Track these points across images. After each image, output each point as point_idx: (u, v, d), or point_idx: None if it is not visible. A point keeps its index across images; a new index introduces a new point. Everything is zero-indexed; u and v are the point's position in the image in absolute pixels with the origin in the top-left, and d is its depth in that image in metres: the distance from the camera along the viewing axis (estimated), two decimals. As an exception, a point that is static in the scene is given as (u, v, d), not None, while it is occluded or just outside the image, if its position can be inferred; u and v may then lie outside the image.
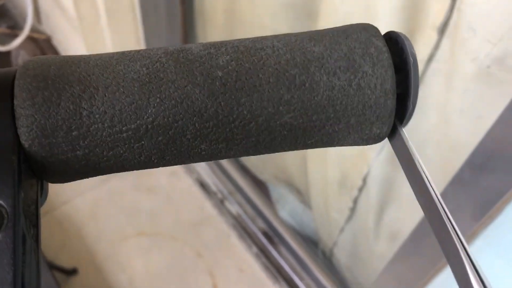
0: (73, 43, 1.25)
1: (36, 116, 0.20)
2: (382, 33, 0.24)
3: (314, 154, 0.94)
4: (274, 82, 0.22)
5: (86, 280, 1.19)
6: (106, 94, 0.21)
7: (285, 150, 0.25)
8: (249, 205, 1.29)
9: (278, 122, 0.23)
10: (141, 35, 1.15)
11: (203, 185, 1.38)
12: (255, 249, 1.24)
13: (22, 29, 1.30)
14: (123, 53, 0.23)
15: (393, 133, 0.25)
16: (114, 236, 1.27)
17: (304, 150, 0.84)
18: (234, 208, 1.31)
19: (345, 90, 0.23)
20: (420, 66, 0.63)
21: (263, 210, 1.25)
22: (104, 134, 0.21)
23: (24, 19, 1.33)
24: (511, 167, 0.50)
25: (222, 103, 0.22)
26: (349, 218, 0.95)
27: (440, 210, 0.21)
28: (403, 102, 0.24)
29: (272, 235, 1.24)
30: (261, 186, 1.29)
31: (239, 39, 0.24)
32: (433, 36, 0.60)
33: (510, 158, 0.50)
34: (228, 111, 0.22)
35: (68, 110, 0.21)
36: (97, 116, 0.21)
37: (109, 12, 1.08)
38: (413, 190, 0.23)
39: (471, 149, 0.54)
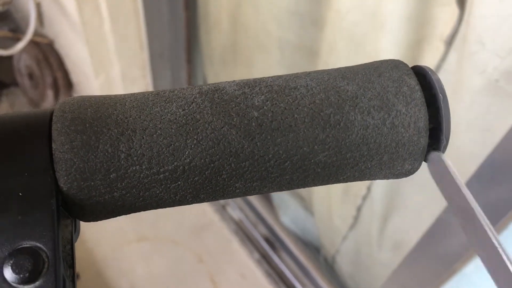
0: (76, 47, 1.24)
1: (75, 160, 0.20)
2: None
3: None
4: (309, 122, 0.22)
5: (87, 285, 1.19)
6: (144, 137, 0.21)
7: (317, 185, 0.25)
8: (251, 211, 1.29)
9: (312, 161, 0.23)
10: (144, 40, 1.15)
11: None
12: (257, 255, 1.23)
13: (25, 33, 1.30)
14: (158, 93, 0.23)
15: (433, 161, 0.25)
16: (115, 241, 1.27)
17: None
18: (236, 214, 1.31)
19: (379, 129, 0.23)
20: (427, 77, 0.63)
21: (265, 216, 1.25)
22: (141, 175, 0.21)
23: (26, 23, 1.33)
24: (520, 182, 0.50)
25: (258, 143, 0.22)
26: (352, 226, 0.95)
27: (472, 205, 0.21)
28: (435, 137, 0.24)
29: (274, 241, 1.24)
30: (263, 191, 1.29)
31: (272, 77, 0.24)
32: (440, 47, 0.60)
33: (518, 172, 0.50)
34: (264, 151, 0.22)
35: (106, 153, 0.21)
36: (135, 158, 0.21)
37: (113, 17, 1.08)
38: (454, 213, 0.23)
39: (479, 162, 0.54)
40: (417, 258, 0.74)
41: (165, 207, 0.24)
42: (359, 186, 0.85)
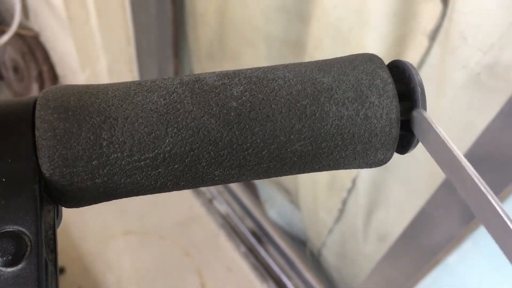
0: (61, 41, 1.24)
1: (57, 147, 0.21)
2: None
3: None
4: (286, 112, 0.23)
5: (73, 279, 1.18)
6: (126, 125, 0.22)
7: (293, 174, 0.26)
8: (238, 205, 1.30)
9: (289, 150, 0.24)
10: (131, 35, 1.14)
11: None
12: (243, 248, 1.24)
13: (9, 25, 1.29)
14: (139, 83, 0.24)
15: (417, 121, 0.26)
16: (101, 235, 1.27)
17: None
18: (222, 208, 1.32)
19: (352, 119, 0.24)
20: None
21: (252, 209, 1.26)
22: (123, 163, 0.22)
23: (11, 15, 1.32)
24: (500, 173, 0.51)
25: (236, 132, 0.23)
26: (338, 219, 0.96)
27: (475, 179, 0.22)
28: (410, 130, 0.25)
29: (260, 234, 1.25)
30: (250, 186, 1.30)
31: (251, 69, 0.25)
32: (424, 42, 0.61)
33: (499, 164, 0.51)
34: (242, 140, 0.23)
35: (88, 141, 0.21)
36: (116, 146, 0.22)
37: (99, 11, 1.08)
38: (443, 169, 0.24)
39: (460, 155, 0.55)
40: (401, 249, 0.75)
41: (146, 194, 0.24)
42: (344, 180, 0.87)
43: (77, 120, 0.21)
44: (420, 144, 0.26)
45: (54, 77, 1.47)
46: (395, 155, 0.26)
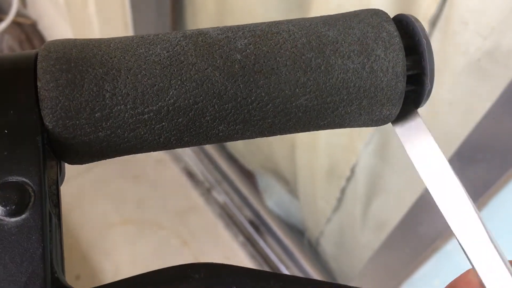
0: (59, 28, 1.23)
1: (60, 98, 0.21)
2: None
3: (303, 143, 0.94)
4: (291, 65, 0.23)
5: (71, 268, 1.19)
6: (129, 77, 0.22)
7: (299, 132, 0.25)
8: (236, 194, 1.30)
9: (294, 104, 0.23)
10: (129, 22, 1.14)
11: (190, 174, 1.38)
12: (241, 238, 1.24)
13: (7, 13, 1.28)
14: (142, 36, 0.23)
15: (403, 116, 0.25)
16: (99, 224, 1.27)
17: (293, 138, 0.84)
18: (221, 197, 1.32)
19: (358, 73, 0.23)
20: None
21: (250, 199, 1.26)
22: (126, 115, 0.22)
23: (9, 3, 1.31)
24: (499, 160, 0.51)
25: (241, 85, 0.22)
26: (336, 208, 0.96)
27: (453, 185, 0.22)
28: (419, 83, 0.24)
29: (258, 224, 1.25)
30: (248, 175, 1.30)
31: (255, 23, 0.24)
32: (425, 27, 0.60)
33: (498, 150, 0.51)
34: (247, 93, 0.23)
35: (91, 92, 0.21)
36: (119, 98, 0.21)
37: (98, -2, 1.07)
38: (417, 166, 0.24)
39: (460, 141, 0.55)
40: (399, 238, 0.75)
41: (149, 151, 0.24)
42: (342, 168, 0.86)
43: (80, 71, 0.21)
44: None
45: (52, 66, 1.46)
46: (396, 148, 0.26)
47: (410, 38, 0.24)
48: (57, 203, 0.21)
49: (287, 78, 0.23)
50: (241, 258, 1.22)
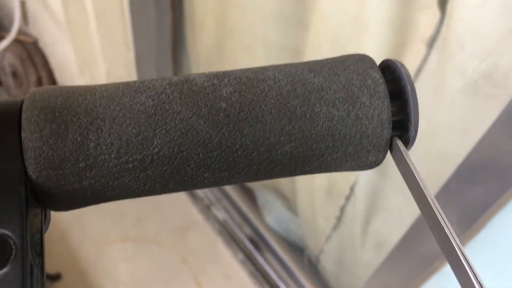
0: (60, 46, 1.24)
1: (43, 149, 0.21)
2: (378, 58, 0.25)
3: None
4: (276, 113, 0.23)
5: (70, 285, 1.18)
6: (113, 126, 0.22)
7: (284, 177, 0.25)
8: (236, 212, 1.29)
9: (279, 151, 0.23)
10: (130, 40, 1.14)
11: (190, 191, 1.38)
12: (241, 255, 1.24)
13: (9, 31, 1.29)
14: (128, 84, 0.23)
15: (395, 150, 0.25)
16: (98, 241, 1.26)
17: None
18: (220, 214, 1.31)
19: (343, 120, 0.23)
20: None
21: (249, 216, 1.25)
22: (110, 164, 0.22)
23: (10, 21, 1.32)
24: (497, 181, 0.51)
25: (226, 133, 0.22)
26: (336, 226, 0.96)
27: (439, 217, 0.22)
28: (404, 128, 0.24)
29: (258, 241, 1.24)
30: (248, 192, 1.30)
31: (241, 69, 0.25)
32: (421, 49, 0.61)
33: (496, 171, 0.51)
34: (232, 142, 0.23)
35: (75, 142, 0.21)
36: (104, 147, 0.21)
37: (98, 16, 1.08)
38: (415, 199, 0.24)
39: (458, 162, 0.55)
40: (399, 257, 0.75)
41: (134, 197, 0.24)
42: (342, 187, 0.86)
43: (64, 121, 0.21)
44: (418, 152, 0.25)
45: (53, 83, 1.47)
46: (396, 167, 0.26)
47: (396, 83, 0.24)
48: (40, 253, 0.21)
49: (272, 126, 0.23)
50: (241, 275, 1.21)
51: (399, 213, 0.79)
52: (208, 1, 0.99)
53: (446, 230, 0.22)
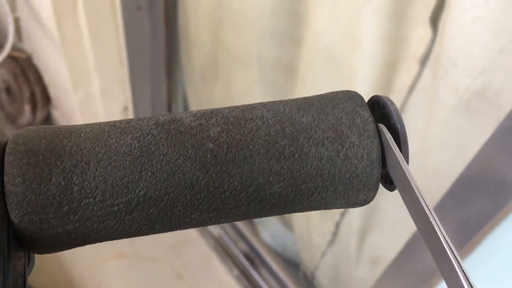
0: (54, 62, 1.23)
1: (26, 193, 0.20)
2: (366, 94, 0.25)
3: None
4: (264, 154, 0.23)
5: (63, 303, 1.16)
6: (98, 169, 0.21)
7: (273, 215, 0.25)
8: (231, 227, 1.29)
9: (268, 192, 0.23)
10: (124, 56, 1.14)
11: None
12: (236, 271, 1.23)
13: (2, 47, 1.28)
14: (114, 124, 0.23)
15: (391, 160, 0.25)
16: (92, 258, 1.25)
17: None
18: (215, 230, 1.31)
19: (333, 160, 0.23)
20: (402, 96, 0.64)
21: (245, 232, 1.25)
22: (95, 208, 0.21)
23: (4, 37, 1.32)
24: (492, 198, 0.51)
25: (213, 175, 0.22)
26: (331, 242, 0.96)
27: (437, 232, 0.22)
28: None
29: (253, 257, 1.23)
30: (243, 207, 1.29)
31: (229, 108, 0.24)
32: (414, 66, 0.61)
33: (491, 189, 0.51)
34: (219, 183, 0.22)
35: (59, 186, 0.21)
36: (88, 191, 0.21)
37: (93, 33, 1.08)
38: (411, 214, 0.24)
39: (452, 179, 0.55)
40: (394, 273, 0.74)
41: (120, 239, 0.24)
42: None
43: (48, 165, 0.21)
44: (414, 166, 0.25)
45: (47, 99, 1.46)
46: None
47: (385, 120, 0.24)
48: None
49: (261, 167, 0.23)
50: (236, 292, 1.20)
51: (395, 229, 0.79)
52: (202, 17, 0.99)
53: (445, 245, 0.21)
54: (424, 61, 0.60)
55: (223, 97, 1.07)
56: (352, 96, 0.25)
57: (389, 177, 0.25)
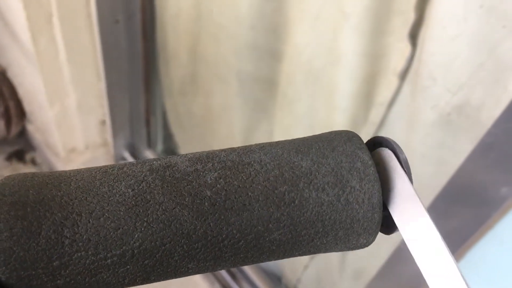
0: (29, 77, 1.21)
1: (14, 249, 0.19)
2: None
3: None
4: (263, 200, 0.22)
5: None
6: (90, 220, 0.20)
7: (272, 260, 0.25)
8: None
9: (267, 239, 0.22)
10: (101, 70, 1.13)
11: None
12: (218, 286, 1.22)
13: (-25, 61, 1.26)
14: (105, 171, 0.22)
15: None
16: None
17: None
18: (196, 244, 1.29)
19: (333, 205, 0.23)
20: (382, 110, 0.65)
21: (226, 246, 1.23)
22: (87, 262, 0.20)
23: (-23, 51, 1.29)
24: (475, 213, 0.51)
25: (211, 224, 0.21)
26: (314, 255, 0.95)
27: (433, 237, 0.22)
28: None
29: (235, 271, 1.22)
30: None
31: (225, 151, 0.24)
32: (394, 81, 0.62)
33: (473, 203, 0.52)
34: (218, 231, 0.22)
35: (49, 240, 0.20)
36: (80, 244, 0.20)
37: (69, 47, 1.06)
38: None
39: (435, 194, 0.55)
40: (379, 286, 0.75)
41: None
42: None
43: (37, 217, 0.20)
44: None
45: (21, 113, 1.44)
46: None
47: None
48: None
49: (260, 214, 0.22)
50: (218, 307, 1.19)
51: (378, 240, 0.79)
52: (181, 31, 0.98)
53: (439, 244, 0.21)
54: (403, 76, 0.60)
55: (202, 111, 1.07)
56: (351, 138, 0.24)
57: (385, 220, 0.24)
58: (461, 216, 0.53)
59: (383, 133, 0.67)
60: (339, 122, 0.71)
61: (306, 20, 0.69)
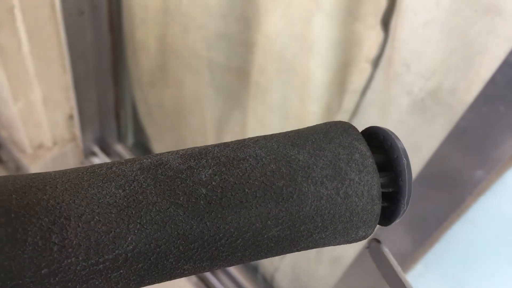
0: (-9, 71, 1.17)
1: None
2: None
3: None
4: (261, 197, 0.21)
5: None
6: (80, 224, 0.19)
7: (270, 257, 0.24)
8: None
9: (265, 236, 0.22)
10: (67, 63, 1.10)
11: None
12: (194, 278, 1.21)
13: None
14: (93, 171, 0.21)
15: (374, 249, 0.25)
16: None
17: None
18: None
19: (332, 199, 0.22)
20: (356, 97, 0.65)
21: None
22: (78, 268, 0.19)
23: None
24: (450, 197, 0.52)
25: (208, 223, 0.21)
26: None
27: None
28: (393, 201, 0.24)
29: (211, 262, 1.22)
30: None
31: (219, 147, 0.23)
32: (367, 68, 0.62)
33: (448, 188, 0.52)
34: (214, 231, 0.21)
35: (36, 247, 0.18)
36: (70, 250, 0.19)
37: (32, 40, 1.03)
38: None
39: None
40: (355, 273, 0.75)
41: None
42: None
43: (22, 223, 0.18)
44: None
45: (-16, 109, 1.39)
46: None
47: (385, 153, 0.23)
48: None
49: (258, 211, 0.21)
50: (195, 299, 1.18)
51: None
52: (149, 21, 0.96)
53: None
54: (376, 62, 0.60)
55: (173, 102, 1.05)
56: (347, 129, 0.24)
57: (383, 212, 0.24)
58: (437, 199, 0.54)
59: (357, 120, 0.67)
60: (313, 110, 0.71)
61: (277, 8, 0.68)
